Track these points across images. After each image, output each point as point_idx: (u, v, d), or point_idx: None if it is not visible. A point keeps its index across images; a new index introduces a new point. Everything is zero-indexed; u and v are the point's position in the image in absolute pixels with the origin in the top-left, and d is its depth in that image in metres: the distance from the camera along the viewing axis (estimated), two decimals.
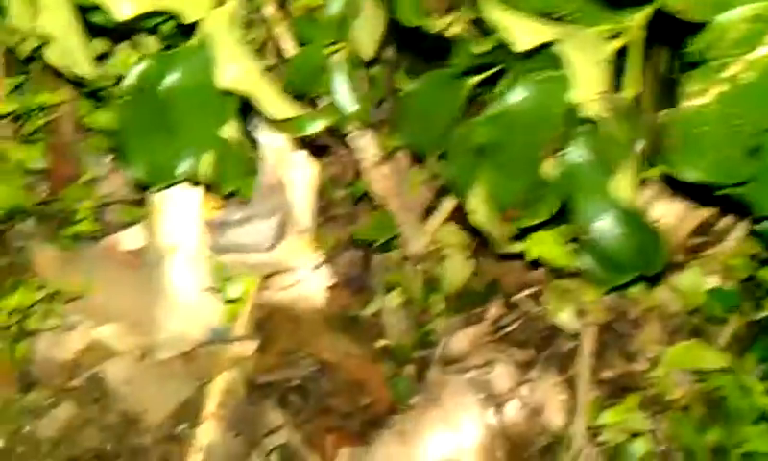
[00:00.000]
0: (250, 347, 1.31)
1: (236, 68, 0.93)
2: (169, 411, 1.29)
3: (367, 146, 1.39)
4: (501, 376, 1.14)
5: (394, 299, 1.46)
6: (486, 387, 1.13)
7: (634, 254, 0.92)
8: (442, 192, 1.46)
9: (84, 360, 1.33)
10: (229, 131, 1.03)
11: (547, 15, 0.88)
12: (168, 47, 1.13)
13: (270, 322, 1.38)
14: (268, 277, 1.37)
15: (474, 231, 1.27)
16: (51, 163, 1.48)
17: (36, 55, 1.32)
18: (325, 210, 1.53)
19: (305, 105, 1.34)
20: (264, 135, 1.32)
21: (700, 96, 0.78)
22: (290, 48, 1.31)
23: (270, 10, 1.20)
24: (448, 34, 1.01)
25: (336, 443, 1.31)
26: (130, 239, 1.41)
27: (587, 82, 0.83)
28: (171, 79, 1.05)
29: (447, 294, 1.45)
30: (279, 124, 0.97)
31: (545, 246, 1.15)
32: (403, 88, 1.52)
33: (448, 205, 1.43)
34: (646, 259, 0.92)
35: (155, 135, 1.11)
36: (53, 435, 1.27)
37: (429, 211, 1.47)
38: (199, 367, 1.29)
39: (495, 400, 1.12)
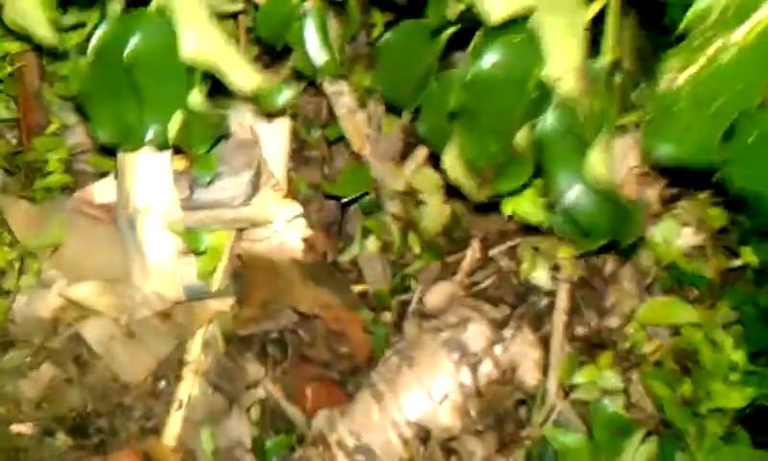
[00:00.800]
0: (227, 301, 1.31)
1: (198, 38, 0.90)
2: (149, 369, 1.29)
3: (340, 94, 1.37)
4: (475, 334, 1.14)
5: (371, 244, 1.45)
6: (460, 347, 1.14)
7: (606, 225, 0.92)
8: (417, 136, 1.44)
9: (63, 318, 1.33)
10: (196, 97, 1.00)
11: None
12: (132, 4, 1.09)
13: (247, 273, 1.38)
14: (243, 230, 1.35)
15: None
16: (18, 113, 1.45)
17: None
18: (300, 152, 1.51)
19: (275, 60, 1.32)
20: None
21: (677, 74, 0.76)
22: None
23: None
24: None
25: (316, 393, 1.32)
26: (103, 191, 1.38)
27: (562, 54, 0.81)
28: (133, 43, 1.01)
29: (424, 238, 1.45)
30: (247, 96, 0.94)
31: (520, 202, 1.14)
32: (377, 23, 1.49)
33: (424, 149, 1.41)
34: (619, 231, 0.92)
35: (120, 99, 1.08)
36: (34, 395, 1.28)
37: (405, 155, 1.45)
38: (177, 324, 1.29)
39: (470, 360, 1.13)
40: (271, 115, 1.31)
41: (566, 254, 1.14)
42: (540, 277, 1.16)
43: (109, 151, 1.42)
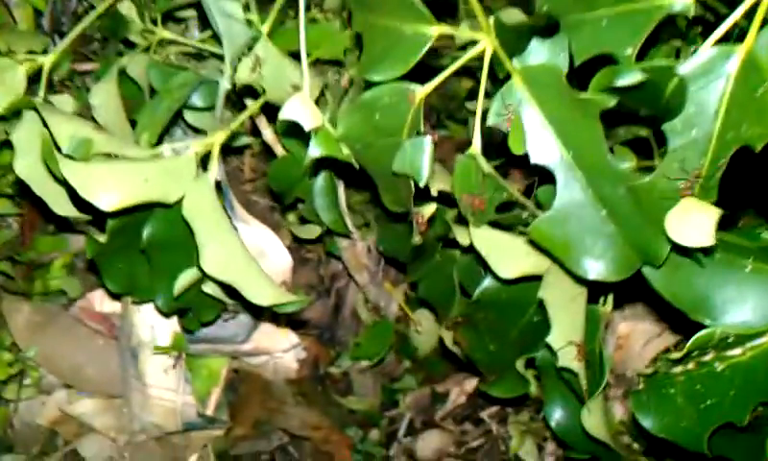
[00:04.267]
0: (221, 428, 1.36)
1: (219, 255, 0.93)
2: None
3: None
4: None
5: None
6: None
7: (591, 450, 0.97)
8: None
9: (62, 432, 1.37)
10: (209, 286, 1.04)
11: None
12: None
13: (242, 388, 1.42)
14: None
15: None
16: (23, 209, 1.46)
17: None
18: (298, 251, 1.56)
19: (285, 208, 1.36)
20: (240, 226, 1.32)
21: (675, 365, 0.81)
22: (279, 149, 1.29)
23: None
24: None
25: None
26: (103, 300, 1.41)
27: (565, 326, 0.85)
28: (150, 231, 1.04)
29: (417, 357, 1.50)
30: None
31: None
32: None
33: None
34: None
35: (132, 265, 1.11)
36: None
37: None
38: (173, 448, 1.33)
39: None
40: None
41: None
42: (526, 452, 1.21)
43: None
